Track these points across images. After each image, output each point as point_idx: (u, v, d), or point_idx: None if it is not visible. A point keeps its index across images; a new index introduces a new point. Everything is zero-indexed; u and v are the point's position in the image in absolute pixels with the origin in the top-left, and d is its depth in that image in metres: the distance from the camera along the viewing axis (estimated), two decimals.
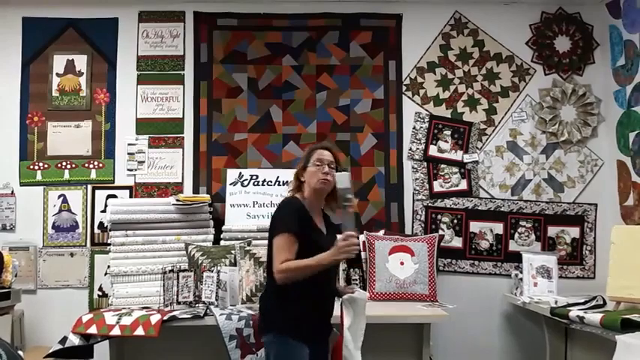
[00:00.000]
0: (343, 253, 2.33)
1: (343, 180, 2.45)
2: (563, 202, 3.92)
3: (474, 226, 3.90)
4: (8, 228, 3.83)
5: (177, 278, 3.18)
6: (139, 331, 2.86)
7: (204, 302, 3.17)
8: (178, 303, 3.17)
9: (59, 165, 3.89)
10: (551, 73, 4.00)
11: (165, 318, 2.92)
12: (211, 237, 3.56)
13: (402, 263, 3.50)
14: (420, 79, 3.99)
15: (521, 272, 3.59)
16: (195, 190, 3.86)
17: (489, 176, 3.94)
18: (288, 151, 3.92)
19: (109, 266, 3.50)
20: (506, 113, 3.98)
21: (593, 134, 3.95)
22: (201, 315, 2.97)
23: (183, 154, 3.91)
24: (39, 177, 3.87)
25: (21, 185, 3.86)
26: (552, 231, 3.89)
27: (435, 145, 3.95)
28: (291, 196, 2.62)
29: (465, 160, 3.93)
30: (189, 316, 2.96)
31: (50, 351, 2.96)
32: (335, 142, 3.90)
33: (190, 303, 3.20)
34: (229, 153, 3.91)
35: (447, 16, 4.02)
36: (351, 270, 3.53)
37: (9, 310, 3.41)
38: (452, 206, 3.91)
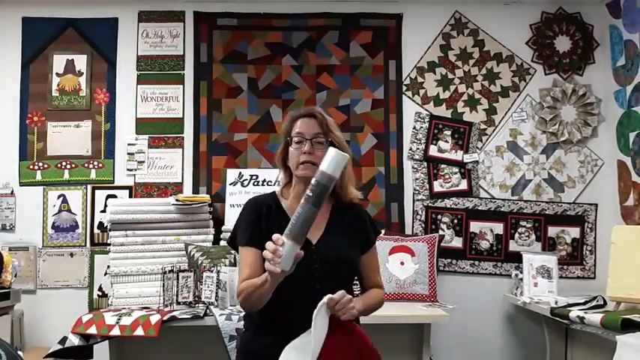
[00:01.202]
0: (269, 264, 1.59)
1: (333, 162, 1.62)
2: (564, 202, 3.91)
3: (474, 226, 3.90)
4: (8, 228, 3.83)
5: (177, 278, 3.18)
6: (139, 332, 2.86)
7: (203, 302, 3.17)
8: (178, 303, 3.17)
9: (59, 165, 3.88)
10: (551, 73, 4.00)
11: (164, 318, 2.91)
12: (211, 237, 3.55)
13: (402, 263, 3.49)
14: (420, 79, 3.99)
15: (521, 272, 3.59)
16: (195, 190, 3.86)
17: (489, 176, 3.94)
18: None
19: (108, 266, 3.50)
20: (506, 113, 3.97)
21: (594, 134, 3.95)
22: (201, 315, 2.97)
23: (183, 154, 3.91)
24: (39, 177, 3.87)
25: (21, 185, 3.86)
26: (552, 231, 3.89)
27: (435, 145, 3.95)
28: (263, 194, 2.03)
29: (465, 160, 3.93)
30: (189, 316, 2.96)
31: (50, 351, 2.95)
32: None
33: (190, 303, 3.19)
34: (229, 153, 3.91)
35: (447, 16, 4.01)
36: None
37: (8, 310, 3.41)
38: (452, 206, 3.91)
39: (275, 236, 1.60)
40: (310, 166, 1.86)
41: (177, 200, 3.51)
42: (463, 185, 3.93)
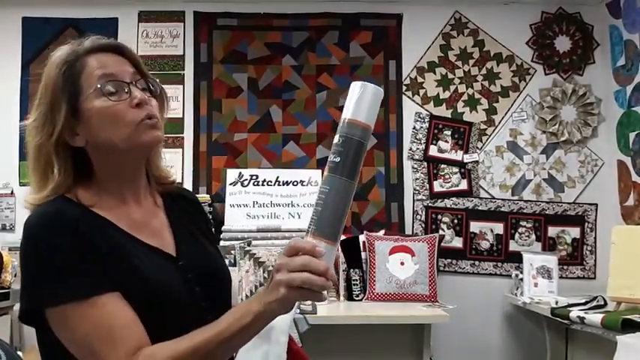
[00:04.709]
0: (285, 286, 0.98)
1: (365, 102, 1.08)
2: (564, 202, 3.91)
3: (475, 226, 3.89)
4: (8, 228, 3.83)
5: None
6: None
7: None
8: None
9: None
10: (551, 73, 3.99)
11: None
12: None
13: (402, 263, 3.49)
14: (420, 79, 3.99)
15: (521, 272, 3.59)
16: (195, 190, 3.85)
17: (489, 176, 3.94)
18: (288, 151, 3.92)
19: None
20: (506, 113, 3.97)
21: (594, 134, 3.95)
22: None
23: (182, 154, 3.91)
24: None
25: (21, 185, 3.85)
26: (553, 231, 3.89)
27: (435, 145, 3.95)
28: (47, 204, 1.14)
29: (465, 160, 3.93)
30: None
31: None
32: None
33: None
34: (229, 153, 3.91)
35: (447, 16, 4.01)
36: (351, 270, 3.52)
37: (8, 310, 3.41)
38: (452, 206, 3.91)
39: (299, 242, 1.00)
40: (157, 126, 1.21)
41: None
42: (463, 185, 3.93)
